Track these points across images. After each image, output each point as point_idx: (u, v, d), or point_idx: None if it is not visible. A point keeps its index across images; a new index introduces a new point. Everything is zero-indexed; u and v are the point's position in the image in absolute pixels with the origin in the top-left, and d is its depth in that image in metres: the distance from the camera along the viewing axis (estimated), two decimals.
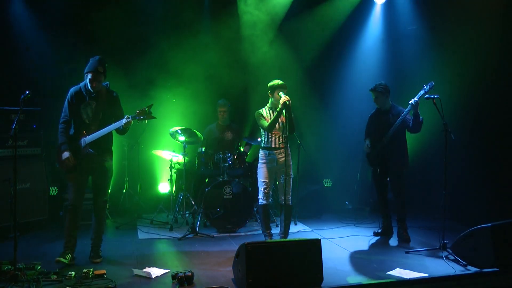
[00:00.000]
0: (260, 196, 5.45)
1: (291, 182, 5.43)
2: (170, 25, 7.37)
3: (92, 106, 4.81)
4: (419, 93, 5.35)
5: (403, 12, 7.75)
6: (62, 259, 4.61)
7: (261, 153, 5.49)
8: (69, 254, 4.71)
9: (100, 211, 4.96)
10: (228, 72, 7.64)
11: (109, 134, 4.91)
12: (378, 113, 5.84)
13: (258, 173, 5.49)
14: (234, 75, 7.62)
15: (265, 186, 5.41)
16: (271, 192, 5.49)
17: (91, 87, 4.76)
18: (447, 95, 5.48)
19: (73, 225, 4.81)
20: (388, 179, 5.87)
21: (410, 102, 5.36)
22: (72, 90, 4.87)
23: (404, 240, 5.66)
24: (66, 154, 4.71)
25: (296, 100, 5.48)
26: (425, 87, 5.31)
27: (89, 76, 4.72)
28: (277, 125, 5.34)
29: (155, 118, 4.85)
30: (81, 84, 4.88)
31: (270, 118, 5.36)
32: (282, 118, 5.28)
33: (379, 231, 6.00)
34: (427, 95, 5.17)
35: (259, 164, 5.49)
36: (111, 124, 4.87)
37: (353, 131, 8.00)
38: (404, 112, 5.48)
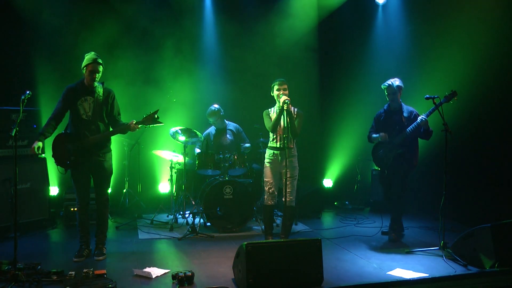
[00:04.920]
0: (265, 196, 5.44)
1: (295, 184, 5.41)
2: (171, 26, 7.40)
3: (89, 102, 4.85)
4: (429, 110, 5.28)
5: (403, 12, 7.77)
6: (80, 259, 4.85)
7: (266, 153, 5.49)
8: (85, 250, 4.95)
9: (102, 208, 5.05)
10: (230, 71, 7.68)
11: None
12: (388, 112, 5.68)
13: (263, 173, 5.49)
14: (236, 74, 7.67)
15: (269, 186, 5.40)
16: (276, 192, 5.48)
17: (90, 79, 4.79)
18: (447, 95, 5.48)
19: (84, 222, 5.01)
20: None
21: (420, 117, 5.32)
22: (68, 87, 4.91)
23: (391, 240, 5.67)
24: (35, 144, 4.71)
25: (297, 100, 5.48)
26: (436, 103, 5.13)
27: (89, 68, 4.77)
28: (281, 125, 5.33)
29: (162, 124, 4.89)
30: (78, 81, 4.92)
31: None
32: (288, 119, 5.27)
33: (387, 230, 5.91)
34: (427, 95, 5.16)
35: (264, 164, 5.49)
36: (108, 122, 4.95)
37: (354, 131, 8.03)
38: (414, 124, 5.40)
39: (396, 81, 5.54)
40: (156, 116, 4.83)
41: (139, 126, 4.85)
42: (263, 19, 7.79)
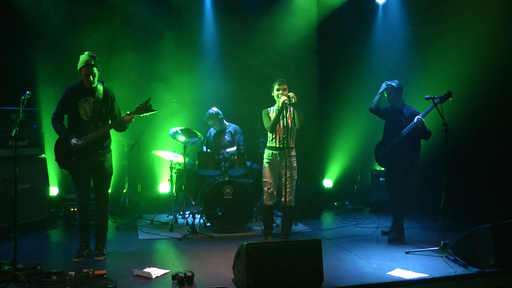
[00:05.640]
0: (264, 196, 5.44)
1: (294, 184, 5.41)
2: (169, 25, 7.41)
3: (90, 102, 4.84)
4: (426, 110, 5.30)
5: (403, 12, 7.77)
6: (80, 259, 4.84)
7: (265, 153, 5.49)
8: (85, 250, 4.94)
9: (103, 209, 5.04)
10: (230, 71, 7.68)
11: (108, 133, 4.97)
12: (391, 111, 5.78)
13: (262, 173, 5.50)
14: (236, 74, 7.67)
15: (268, 186, 5.40)
16: (275, 193, 5.48)
17: (87, 82, 4.79)
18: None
19: (84, 222, 5.00)
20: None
21: (416, 118, 5.33)
22: (67, 87, 4.91)
23: (391, 240, 5.67)
24: (73, 140, 4.73)
25: (298, 99, 5.47)
26: (433, 103, 5.15)
27: (83, 71, 4.76)
28: (280, 124, 5.32)
29: (156, 111, 4.86)
30: (77, 82, 4.91)
31: None
32: (288, 118, 5.27)
33: (388, 230, 5.96)
34: (427, 96, 5.18)
35: (263, 164, 5.49)
36: (109, 122, 4.94)
37: (354, 131, 8.03)
38: (410, 125, 5.43)
39: (392, 83, 5.65)
40: (149, 104, 4.79)
41: (134, 115, 4.79)
42: (263, 18, 7.80)
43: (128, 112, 4.81)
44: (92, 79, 4.77)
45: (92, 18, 6.88)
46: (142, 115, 4.83)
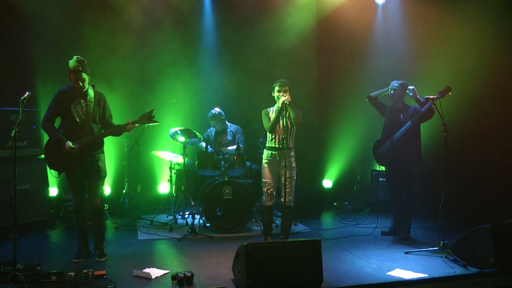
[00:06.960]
0: (263, 197, 5.44)
1: (293, 184, 5.41)
2: (168, 25, 7.42)
3: (82, 105, 4.83)
4: (426, 106, 5.34)
5: (402, 12, 7.78)
6: (80, 260, 4.85)
7: (264, 153, 5.49)
8: (85, 251, 4.95)
9: (98, 209, 5.01)
10: (229, 71, 7.68)
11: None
12: (390, 110, 5.83)
13: (261, 174, 5.50)
14: (235, 74, 7.67)
15: (268, 187, 5.40)
16: (275, 193, 5.48)
17: (77, 87, 4.78)
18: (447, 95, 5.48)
19: (82, 224, 5.01)
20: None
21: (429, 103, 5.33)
22: (60, 90, 4.89)
23: (400, 239, 5.67)
24: (68, 143, 4.72)
25: (296, 100, 5.48)
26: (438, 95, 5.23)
27: (72, 77, 4.75)
28: (280, 125, 5.33)
29: (158, 123, 4.87)
30: (70, 84, 4.89)
31: None
32: (287, 118, 5.27)
33: (388, 230, 5.99)
34: (426, 96, 5.19)
35: (262, 164, 5.49)
36: (101, 125, 4.96)
37: (353, 131, 8.02)
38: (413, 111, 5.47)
39: (394, 83, 5.71)
40: (151, 115, 4.82)
41: (136, 125, 4.82)
42: (264, 18, 7.81)
43: (131, 121, 4.82)
44: (81, 84, 4.75)
45: (92, 18, 6.88)
46: (144, 125, 4.85)
